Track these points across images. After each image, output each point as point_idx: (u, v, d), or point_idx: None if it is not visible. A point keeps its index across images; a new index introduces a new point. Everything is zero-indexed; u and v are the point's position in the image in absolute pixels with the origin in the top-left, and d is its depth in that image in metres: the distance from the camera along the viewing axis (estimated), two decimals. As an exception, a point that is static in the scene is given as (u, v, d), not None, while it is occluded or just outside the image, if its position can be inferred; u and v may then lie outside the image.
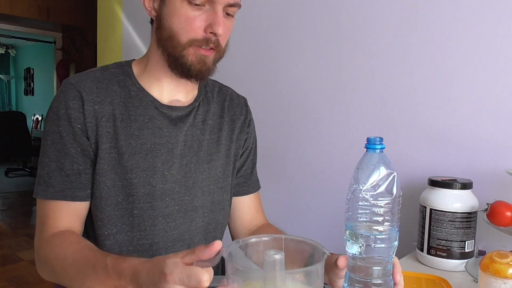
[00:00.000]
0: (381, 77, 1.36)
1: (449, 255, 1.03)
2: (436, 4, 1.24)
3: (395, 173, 0.62)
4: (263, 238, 0.64)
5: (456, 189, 1.05)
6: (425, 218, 1.07)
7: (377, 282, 0.63)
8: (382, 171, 0.61)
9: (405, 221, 1.31)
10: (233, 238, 1.08)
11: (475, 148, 1.18)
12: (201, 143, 0.92)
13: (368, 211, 0.61)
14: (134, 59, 0.94)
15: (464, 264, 1.01)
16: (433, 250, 1.05)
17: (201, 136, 0.93)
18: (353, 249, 0.63)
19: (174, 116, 0.90)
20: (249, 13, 1.67)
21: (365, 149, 0.64)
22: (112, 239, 0.85)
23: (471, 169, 1.18)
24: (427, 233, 1.06)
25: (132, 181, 0.84)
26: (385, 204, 0.61)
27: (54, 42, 5.79)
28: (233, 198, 1.03)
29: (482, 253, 1.11)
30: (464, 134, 1.20)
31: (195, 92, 0.96)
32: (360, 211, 0.62)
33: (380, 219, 0.61)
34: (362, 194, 0.61)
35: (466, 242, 1.03)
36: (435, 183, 1.08)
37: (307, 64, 1.54)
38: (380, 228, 0.62)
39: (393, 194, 0.62)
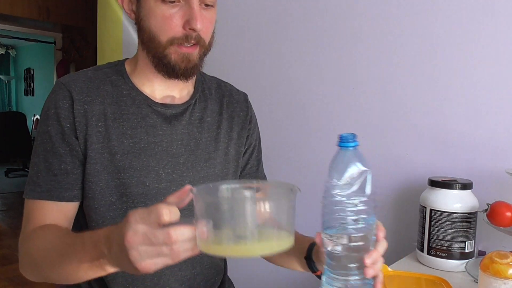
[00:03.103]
0: (381, 77, 1.36)
1: (449, 256, 1.03)
2: (436, 4, 1.24)
3: (368, 171, 0.61)
4: (234, 185, 0.62)
5: (456, 189, 1.05)
6: (425, 219, 1.07)
7: (355, 278, 0.62)
8: (356, 169, 0.60)
9: (405, 221, 1.31)
10: None
11: (475, 148, 1.18)
12: (198, 141, 0.91)
13: (342, 210, 0.61)
14: (127, 58, 0.93)
15: (464, 264, 1.01)
16: (433, 251, 1.05)
17: (198, 134, 0.91)
18: (330, 247, 0.63)
19: (169, 114, 0.88)
20: (249, 12, 1.67)
21: (338, 147, 0.62)
22: None
23: (471, 169, 1.18)
24: (427, 234, 1.06)
25: (125, 181, 0.83)
26: (359, 203, 0.60)
27: (54, 43, 5.78)
28: None
29: (482, 253, 1.11)
30: (464, 134, 1.20)
31: (191, 89, 0.94)
32: (334, 210, 0.61)
33: (355, 217, 0.61)
34: (335, 193, 0.61)
35: (466, 242, 1.03)
36: (435, 183, 1.07)
37: (306, 64, 1.54)
38: (356, 226, 0.61)
39: (366, 192, 0.61)
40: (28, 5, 4.52)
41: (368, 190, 0.61)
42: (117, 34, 2.34)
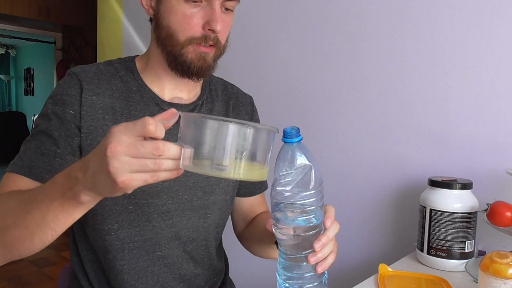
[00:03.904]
0: (381, 77, 1.36)
1: (449, 255, 1.03)
2: (435, 4, 1.24)
3: (311, 166, 0.62)
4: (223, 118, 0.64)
5: (456, 189, 1.05)
6: (425, 218, 1.07)
7: (306, 264, 0.64)
8: (299, 164, 0.62)
9: (405, 221, 1.31)
10: (234, 228, 1.08)
11: (475, 148, 1.18)
12: None
13: (287, 203, 0.62)
14: (137, 55, 0.93)
15: (464, 264, 1.01)
16: (433, 250, 1.05)
17: None
18: (280, 236, 0.64)
19: None
20: (250, 12, 1.67)
21: (282, 142, 0.63)
22: (114, 235, 0.85)
23: (471, 169, 1.18)
24: (427, 233, 1.06)
25: None
26: (302, 197, 0.61)
27: (54, 42, 5.78)
28: (239, 198, 1.02)
29: (482, 253, 1.11)
30: (464, 134, 1.20)
31: (198, 90, 0.95)
32: (281, 203, 0.62)
33: (300, 210, 0.62)
34: (280, 186, 0.62)
35: (466, 242, 1.03)
36: (435, 183, 1.08)
37: (306, 64, 1.54)
38: (302, 217, 0.62)
39: (310, 186, 0.61)
40: (28, 5, 4.52)
41: (311, 184, 0.61)
42: (117, 34, 2.35)
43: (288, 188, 0.61)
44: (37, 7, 4.59)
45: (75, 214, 0.61)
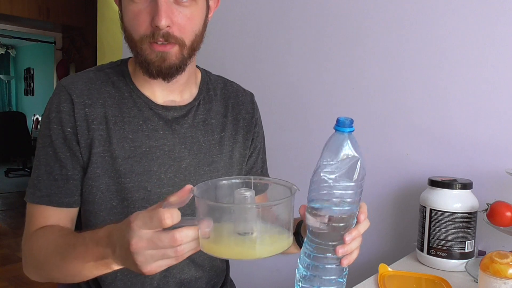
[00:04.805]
0: (381, 77, 1.36)
1: (449, 255, 1.03)
2: (435, 4, 1.24)
3: (359, 158, 0.61)
4: (233, 180, 0.64)
5: (456, 189, 1.05)
6: (425, 218, 1.07)
7: (331, 255, 0.64)
8: (346, 154, 0.61)
9: (405, 221, 1.31)
10: None
11: (475, 148, 1.18)
12: (201, 144, 0.88)
13: (328, 191, 0.62)
14: (130, 57, 0.89)
15: (464, 264, 1.01)
16: (433, 250, 1.05)
17: (202, 137, 0.88)
18: (311, 222, 0.64)
19: (170, 117, 0.86)
20: (251, 11, 1.67)
21: (334, 130, 0.63)
22: None
23: (471, 169, 1.18)
24: (427, 233, 1.06)
25: (126, 185, 0.81)
26: (343, 188, 0.61)
27: (54, 42, 5.79)
28: None
29: (482, 253, 1.11)
30: (464, 134, 1.20)
31: (194, 91, 0.91)
32: (321, 188, 0.62)
33: (339, 200, 0.62)
34: (323, 173, 0.61)
35: (466, 242, 1.03)
36: (435, 183, 1.08)
37: (306, 64, 1.54)
38: (339, 208, 0.62)
39: (354, 178, 0.61)
40: (28, 5, 4.53)
41: (355, 176, 0.61)
42: (117, 34, 2.35)
43: (331, 176, 0.61)
44: (37, 7, 4.59)
45: (109, 271, 0.67)
